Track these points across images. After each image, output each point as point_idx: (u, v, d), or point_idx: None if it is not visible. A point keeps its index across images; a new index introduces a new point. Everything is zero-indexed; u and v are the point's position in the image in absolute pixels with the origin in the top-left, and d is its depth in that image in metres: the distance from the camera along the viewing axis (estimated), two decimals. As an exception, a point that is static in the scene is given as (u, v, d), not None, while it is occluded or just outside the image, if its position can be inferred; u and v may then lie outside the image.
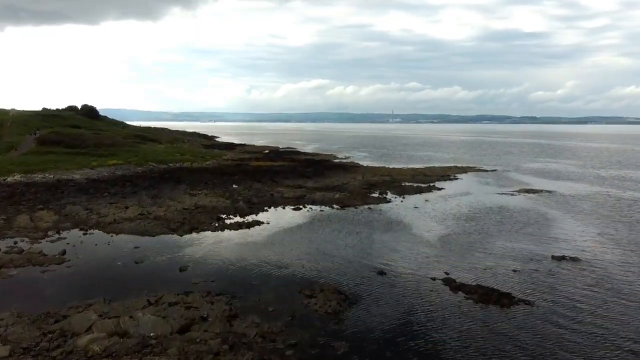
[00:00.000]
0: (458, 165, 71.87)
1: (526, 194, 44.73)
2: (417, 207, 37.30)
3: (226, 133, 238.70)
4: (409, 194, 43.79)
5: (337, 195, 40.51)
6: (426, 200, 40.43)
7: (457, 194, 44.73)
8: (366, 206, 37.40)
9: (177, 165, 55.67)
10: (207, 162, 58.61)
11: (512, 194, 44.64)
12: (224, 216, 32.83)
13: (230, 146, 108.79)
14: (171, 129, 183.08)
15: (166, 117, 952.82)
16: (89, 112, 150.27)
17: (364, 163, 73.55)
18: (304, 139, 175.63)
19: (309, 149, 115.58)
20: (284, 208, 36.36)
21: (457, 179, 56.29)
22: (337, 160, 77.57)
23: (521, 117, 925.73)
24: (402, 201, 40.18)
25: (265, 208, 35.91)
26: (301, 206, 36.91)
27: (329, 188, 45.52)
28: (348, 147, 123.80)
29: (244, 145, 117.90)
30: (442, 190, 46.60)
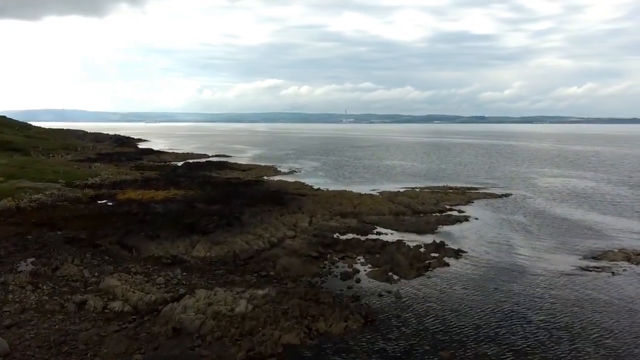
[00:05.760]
0: (451, 185, 49.62)
1: (634, 267, 22.55)
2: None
3: (164, 135, 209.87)
4: (404, 277, 20.66)
5: (242, 306, 16.46)
6: (445, 310, 17.22)
7: (496, 269, 22.01)
8: None
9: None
10: (36, 196, 33.20)
11: (608, 268, 22.21)
12: None
13: (139, 154, 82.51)
14: (88, 131, 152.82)
15: (114, 118, 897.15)
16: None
17: (315, 182, 50.18)
18: (248, 142, 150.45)
19: (247, 156, 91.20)
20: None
21: (467, 218, 33.56)
22: (276, 179, 53.65)
23: (470, 116, 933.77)
24: (397, 315, 16.82)
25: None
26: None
27: (237, 265, 21.65)
28: (297, 154, 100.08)
29: (163, 152, 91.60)
30: (460, 259, 23.75)
